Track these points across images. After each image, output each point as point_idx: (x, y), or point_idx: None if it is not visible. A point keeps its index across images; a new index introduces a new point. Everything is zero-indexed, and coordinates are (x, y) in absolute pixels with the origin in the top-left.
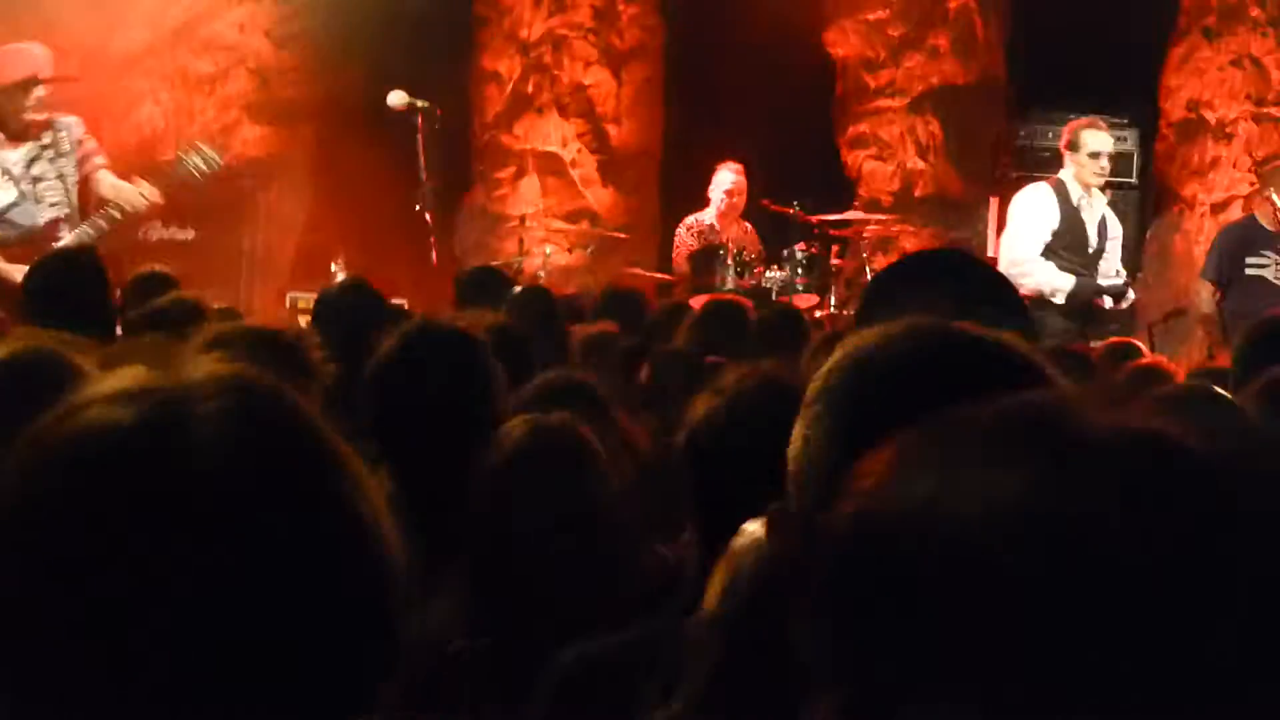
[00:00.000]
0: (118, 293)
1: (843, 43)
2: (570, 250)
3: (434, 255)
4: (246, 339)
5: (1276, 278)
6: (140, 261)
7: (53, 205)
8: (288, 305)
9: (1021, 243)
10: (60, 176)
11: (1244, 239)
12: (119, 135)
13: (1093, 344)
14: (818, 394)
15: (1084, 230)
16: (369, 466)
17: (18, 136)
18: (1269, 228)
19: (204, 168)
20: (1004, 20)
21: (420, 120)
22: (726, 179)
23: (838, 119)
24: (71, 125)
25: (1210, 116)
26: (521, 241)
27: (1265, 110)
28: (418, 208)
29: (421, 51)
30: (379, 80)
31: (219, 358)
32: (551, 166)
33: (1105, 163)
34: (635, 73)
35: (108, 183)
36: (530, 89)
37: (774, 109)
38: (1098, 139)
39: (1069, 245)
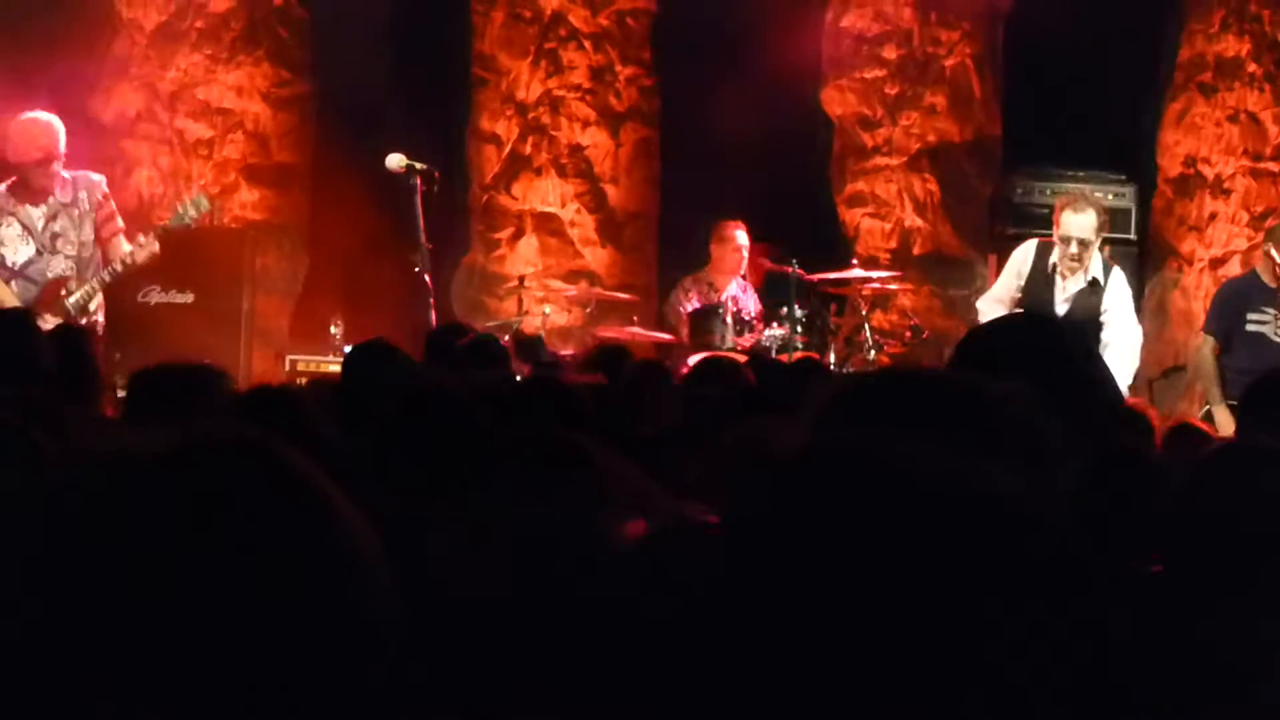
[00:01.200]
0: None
1: (839, 101)
2: (569, 310)
3: (433, 316)
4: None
5: (1276, 334)
6: (141, 325)
7: (66, 259)
8: (286, 368)
9: (991, 289)
10: (78, 235)
11: (1245, 294)
12: (117, 199)
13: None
14: None
15: (1051, 293)
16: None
17: (39, 196)
18: (1270, 284)
19: (194, 213)
20: (1000, 77)
21: (419, 182)
22: (735, 236)
23: (835, 177)
24: (94, 185)
25: (1208, 172)
26: (520, 301)
27: (1263, 165)
28: (416, 269)
29: (419, 113)
30: (376, 143)
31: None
32: (550, 226)
33: (1075, 249)
34: (632, 133)
35: (120, 246)
36: (528, 149)
37: (771, 167)
38: (1069, 222)
39: (1029, 305)
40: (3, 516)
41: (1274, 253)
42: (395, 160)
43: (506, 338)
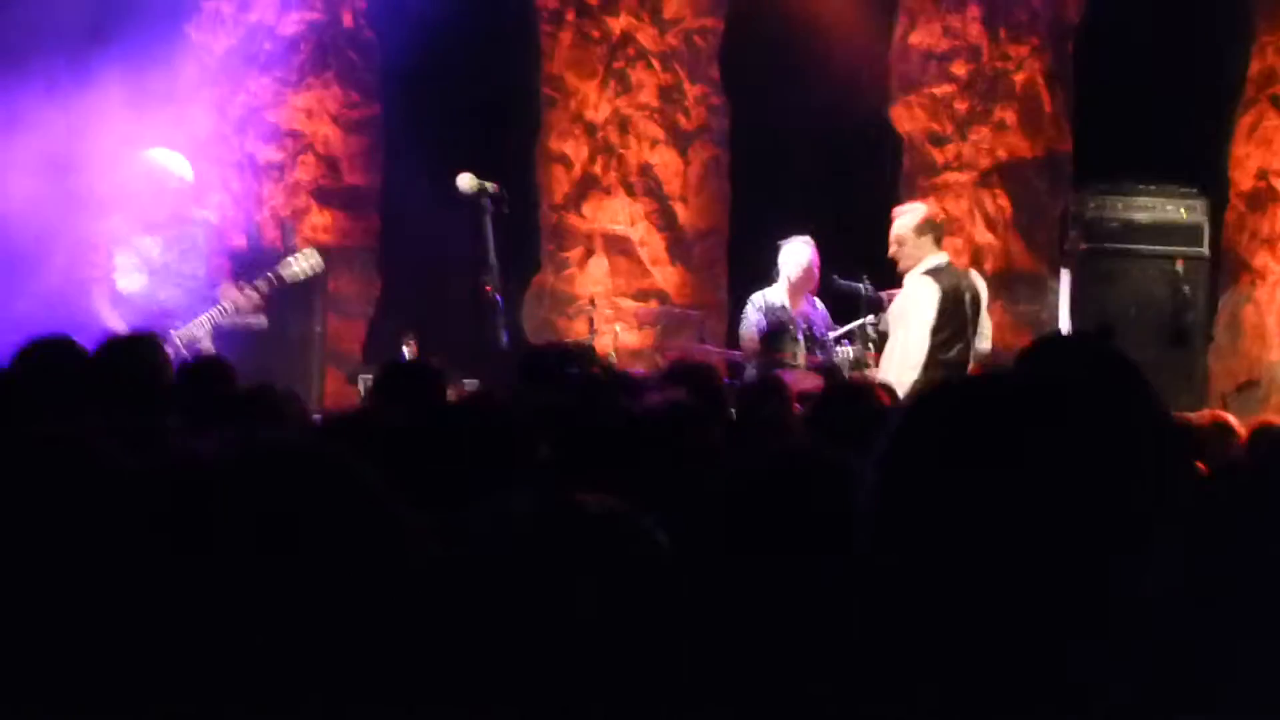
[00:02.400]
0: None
1: (908, 118)
2: (639, 329)
3: (504, 336)
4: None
5: None
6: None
7: (177, 290)
8: (360, 388)
9: None
10: (189, 269)
11: None
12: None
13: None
14: None
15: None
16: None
17: (158, 228)
18: None
19: (305, 267)
20: (1070, 92)
21: (489, 202)
22: (804, 254)
23: (904, 194)
24: (210, 224)
25: None
26: (591, 321)
27: None
28: (487, 289)
29: (489, 134)
30: (446, 164)
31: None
32: (619, 246)
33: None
34: (701, 151)
35: (226, 287)
36: (597, 169)
37: (840, 184)
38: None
39: None
40: (76, 527)
41: None
42: (465, 181)
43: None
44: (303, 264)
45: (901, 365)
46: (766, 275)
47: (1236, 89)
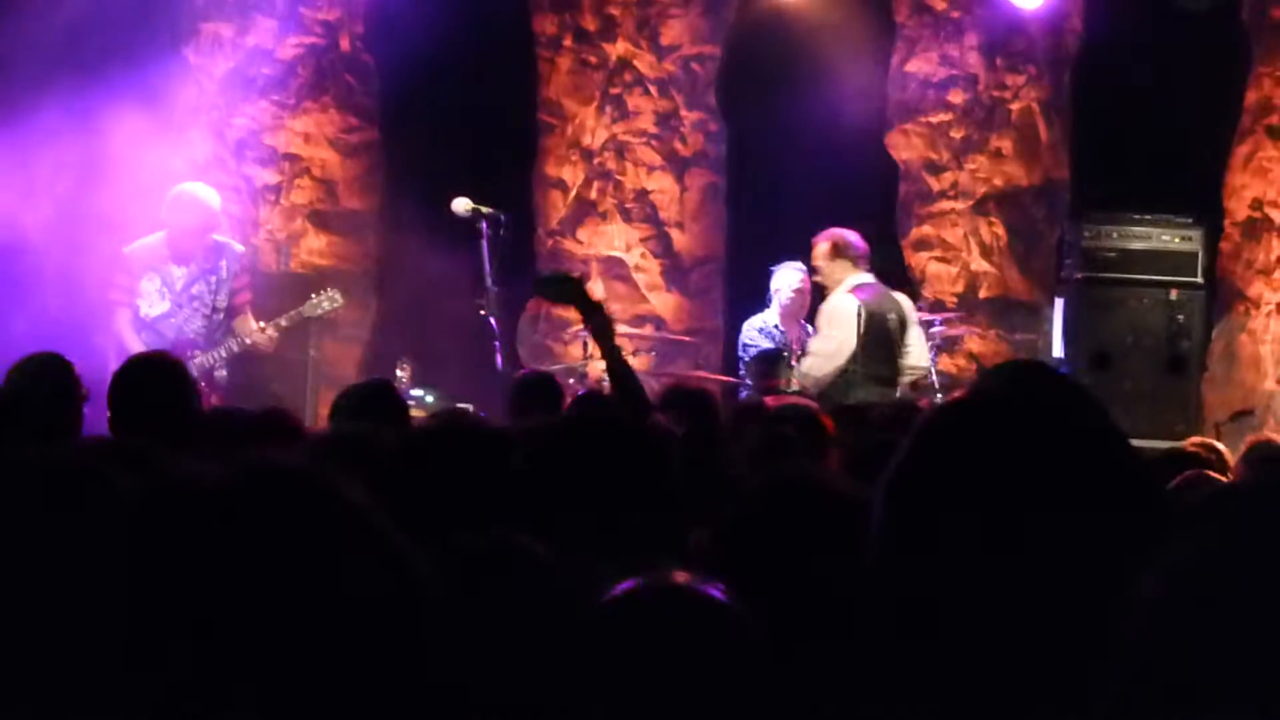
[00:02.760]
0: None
1: (905, 145)
2: (634, 354)
3: (499, 360)
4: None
5: None
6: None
7: (199, 319)
8: None
9: None
10: (212, 300)
11: None
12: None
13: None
14: None
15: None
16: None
17: (184, 258)
18: None
19: (328, 306)
20: (1066, 121)
21: (485, 226)
22: (796, 279)
23: (901, 221)
24: (236, 256)
25: (1275, 215)
26: (585, 346)
27: None
28: (483, 313)
29: (485, 159)
30: (443, 188)
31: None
32: (615, 271)
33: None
34: (698, 177)
35: (245, 320)
36: (594, 195)
37: (837, 211)
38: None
39: None
40: (83, 547)
41: None
42: (462, 205)
43: (572, 380)
44: (325, 304)
45: (816, 358)
46: (763, 301)
47: (1233, 119)
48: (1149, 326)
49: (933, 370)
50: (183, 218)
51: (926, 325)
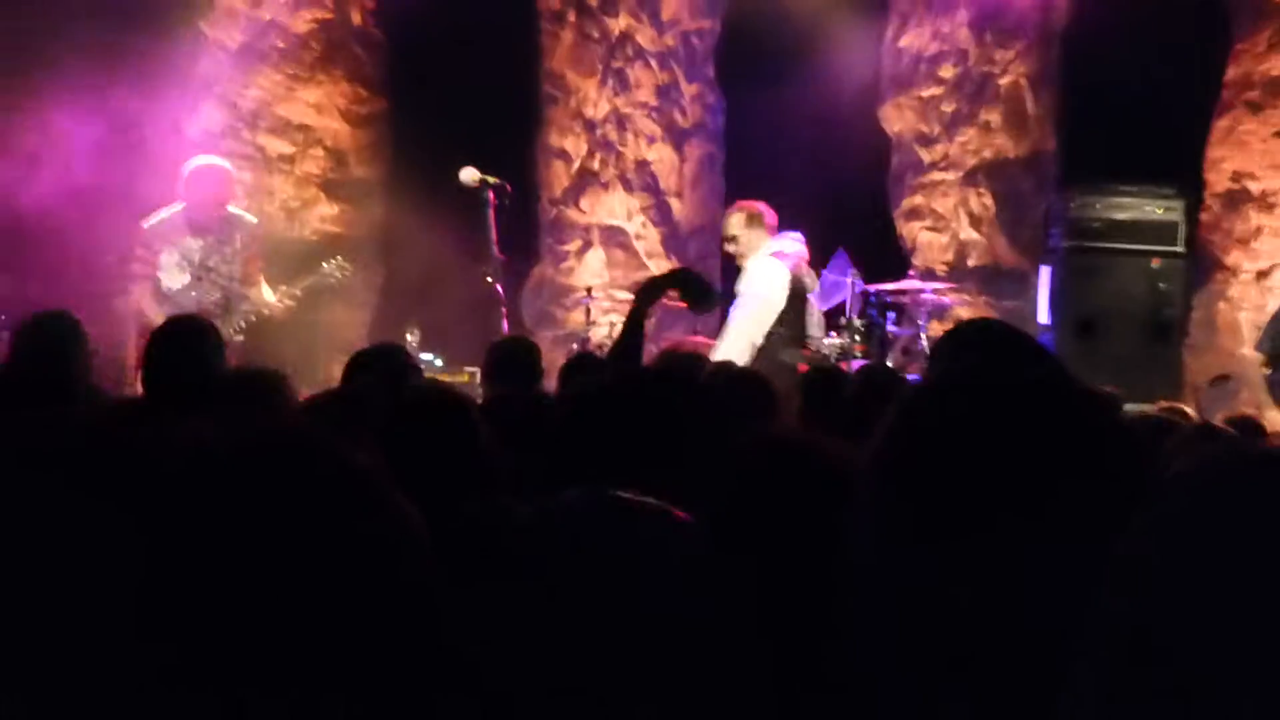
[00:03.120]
0: None
1: (897, 118)
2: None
3: (504, 325)
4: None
5: None
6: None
7: (217, 289)
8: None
9: None
10: (227, 270)
11: None
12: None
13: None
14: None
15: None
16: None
17: (201, 231)
18: None
19: (338, 275)
20: (1053, 95)
21: (491, 196)
22: (795, 248)
23: (893, 192)
24: (249, 226)
25: (1254, 187)
26: (588, 311)
27: None
28: (488, 279)
29: (490, 130)
30: (449, 158)
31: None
32: (616, 239)
33: (729, 247)
34: (697, 148)
35: (259, 289)
36: (596, 165)
37: (831, 182)
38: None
39: None
40: (106, 508)
41: None
42: (468, 174)
43: (575, 346)
44: (336, 274)
45: (739, 333)
46: None
47: (1213, 94)
48: (1132, 294)
49: (823, 341)
50: (199, 190)
51: (917, 292)
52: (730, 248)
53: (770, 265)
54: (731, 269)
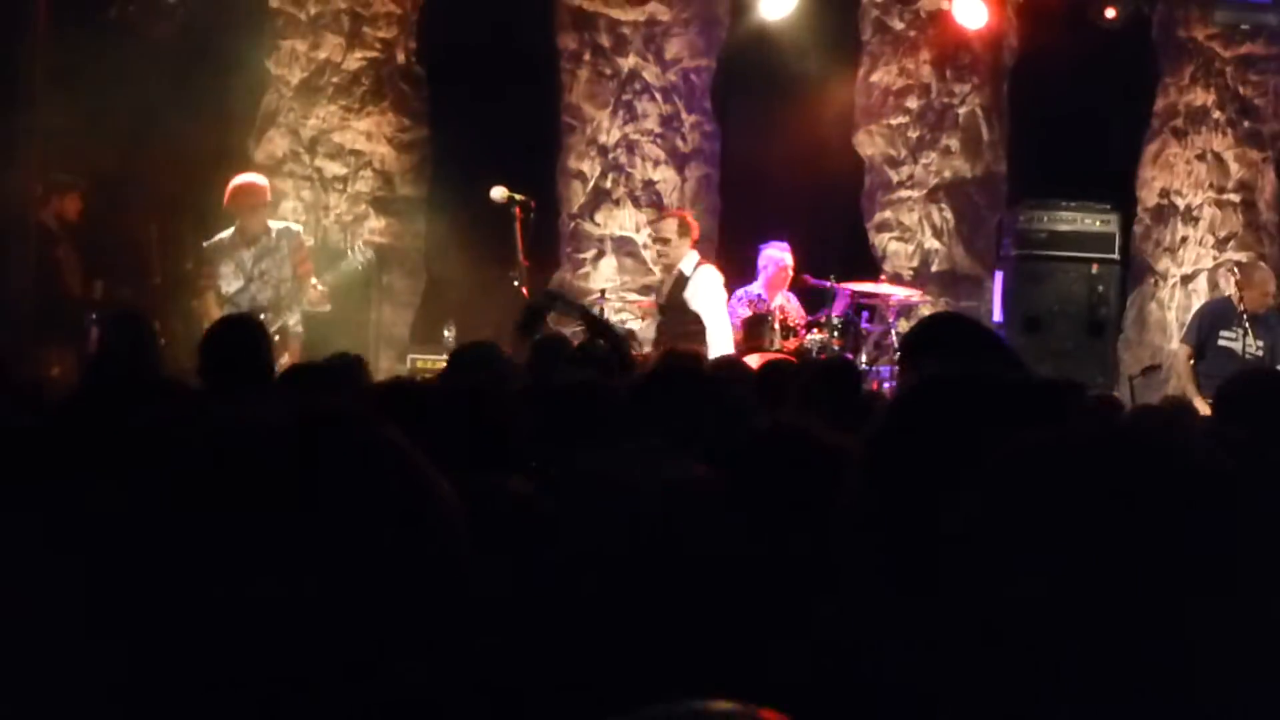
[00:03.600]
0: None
1: (870, 144)
2: (643, 319)
3: None
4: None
5: (1242, 350)
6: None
7: (269, 290)
8: (408, 365)
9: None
10: (279, 273)
11: (1220, 314)
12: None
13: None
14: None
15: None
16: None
17: (251, 241)
18: (1239, 308)
19: (361, 260)
20: (1005, 123)
21: (518, 211)
22: (780, 256)
23: (866, 207)
24: (294, 235)
25: (1180, 202)
26: (602, 311)
27: (1225, 196)
28: (515, 284)
29: (518, 154)
30: (482, 179)
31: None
32: (626, 249)
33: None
34: (696, 170)
35: (308, 288)
36: (608, 184)
37: (813, 199)
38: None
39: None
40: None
41: (1235, 282)
42: (498, 192)
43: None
44: (359, 259)
45: (724, 334)
46: (750, 274)
47: (1144, 122)
48: (1073, 296)
49: (806, 337)
50: (242, 203)
51: (887, 295)
52: (662, 248)
53: (712, 272)
54: (730, 267)
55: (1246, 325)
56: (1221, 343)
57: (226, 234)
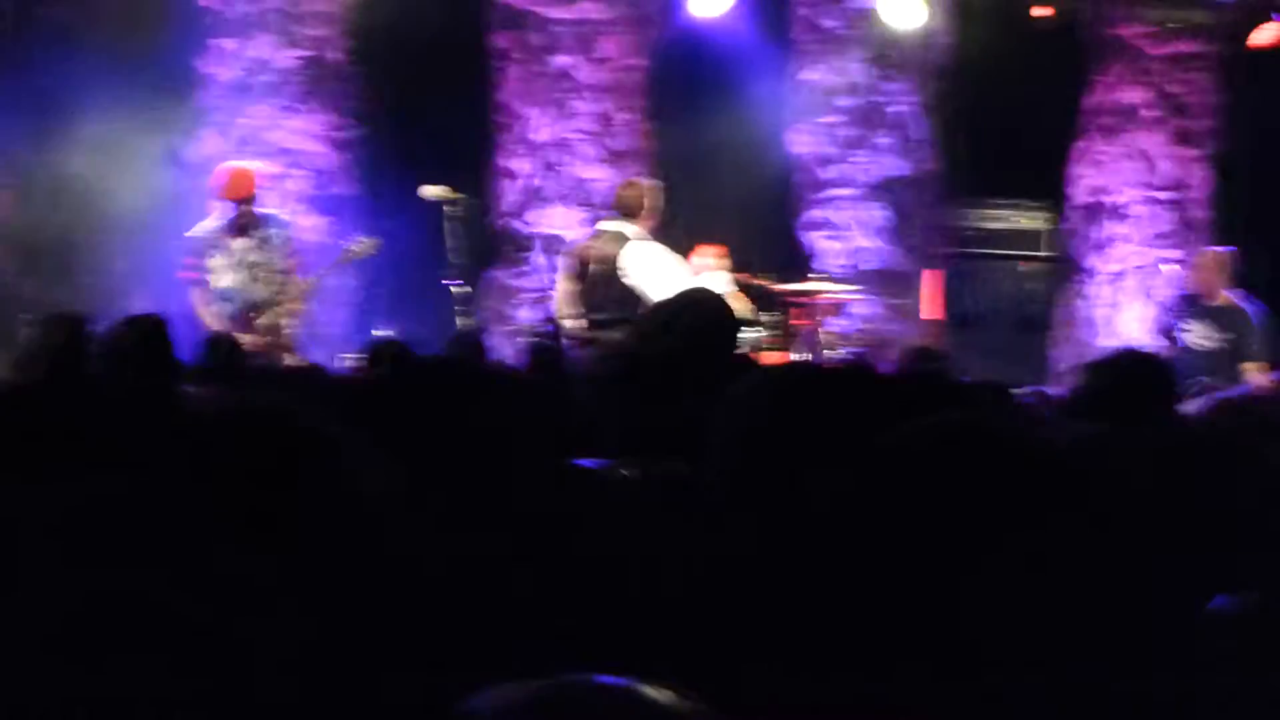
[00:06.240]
0: None
1: (801, 142)
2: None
3: (461, 322)
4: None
5: (1193, 342)
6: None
7: (263, 285)
8: (335, 363)
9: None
10: (270, 267)
11: (1178, 306)
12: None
13: None
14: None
15: None
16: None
17: (242, 231)
18: (1195, 298)
19: (366, 250)
20: (936, 121)
21: (450, 209)
22: (712, 257)
23: (798, 205)
24: (284, 225)
25: (1108, 201)
26: (534, 309)
27: (1154, 195)
28: (444, 282)
29: (450, 153)
30: (415, 177)
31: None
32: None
33: None
34: (629, 169)
35: (296, 281)
36: (539, 183)
37: (745, 198)
38: None
39: None
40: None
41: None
42: (431, 191)
43: (519, 338)
44: (353, 247)
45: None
46: None
47: (1073, 119)
48: (1004, 293)
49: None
50: (233, 191)
51: (818, 293)
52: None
53: (651, 244)
54: None
55: (1199, 317)
56: (1180, 335)
57: (212, 224)
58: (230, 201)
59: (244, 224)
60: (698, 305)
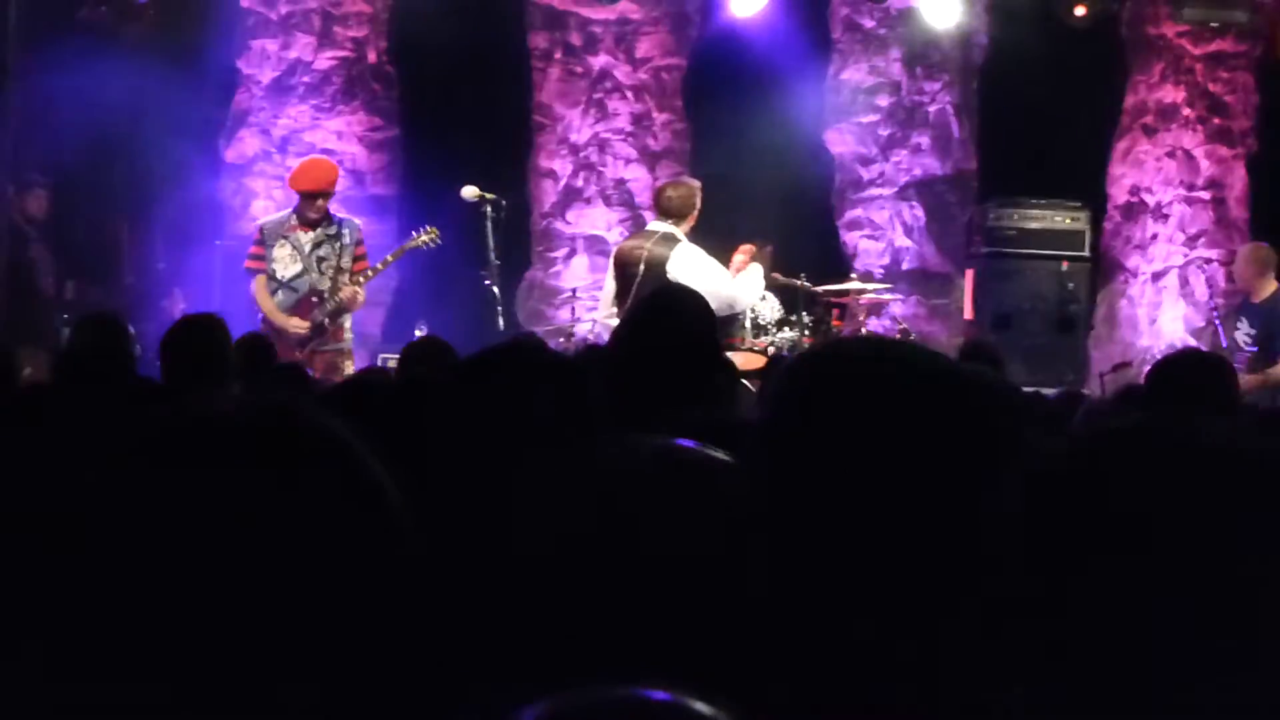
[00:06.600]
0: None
1: (840, 142)
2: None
3: (500, 322)
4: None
5: (1233, 340)
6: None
7: (325, 278)
8: (379, 363)
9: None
10: (336, 262)
11: (1235, 306)
12: (241, 227)
13: None
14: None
15: None
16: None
17: (310, 225)
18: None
19: (429, 240)
20: (974, 121)
21: (489, 210)
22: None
23: (837, 205)
24: (356, 227)
25: (1149, 200)
26: (573, 309)
27: (1195, 194)
28: (487, 282)
29: (488, 153)
30: (454, 178)
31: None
32: (597, 247)
33: None
34: (667, 168)
35: (361, 280)
36: (580, 183)
37: (784, 197)
38: None
39: None
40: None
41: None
42: (469, 191)
43: (561, 339)
44: (422, 238)
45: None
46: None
47: (1113, 119)
48: (1043, 293)
49: (777, 335)
50: (308, 182)
51: (858, 293)
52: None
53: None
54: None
55: (1241, 314)
56: (1223, 333)
57: (284, 214)
58: (306, 193)
59: (315, 217)
60: (681, 303)
